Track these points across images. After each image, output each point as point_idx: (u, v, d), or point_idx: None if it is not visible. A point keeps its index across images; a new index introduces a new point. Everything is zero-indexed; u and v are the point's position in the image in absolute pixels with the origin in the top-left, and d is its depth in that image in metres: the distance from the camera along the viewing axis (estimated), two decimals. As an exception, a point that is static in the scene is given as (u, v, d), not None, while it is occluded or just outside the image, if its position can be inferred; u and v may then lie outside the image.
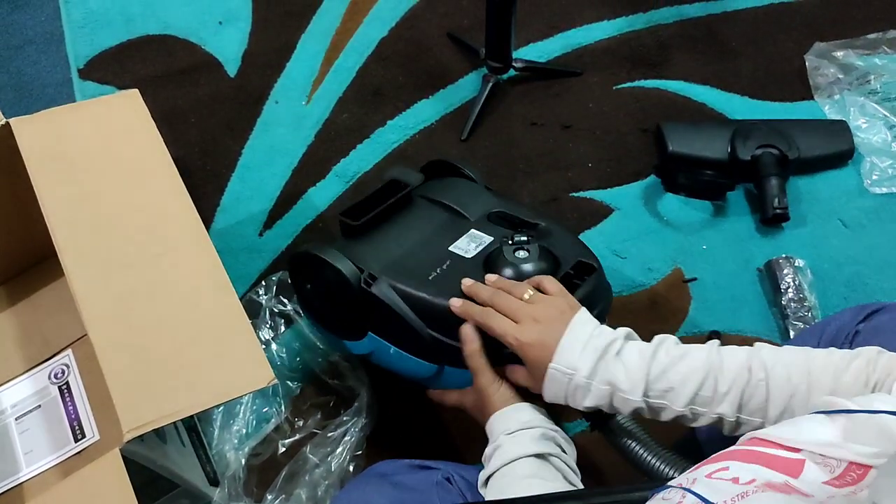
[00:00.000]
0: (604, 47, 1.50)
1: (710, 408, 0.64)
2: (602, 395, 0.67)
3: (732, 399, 0.63)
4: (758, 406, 0.63)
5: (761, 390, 0.62)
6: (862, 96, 1.35)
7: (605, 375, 0.66)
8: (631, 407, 0.66)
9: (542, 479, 0.66)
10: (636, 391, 0.65)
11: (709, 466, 0.43)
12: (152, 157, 0.88)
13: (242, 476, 0.97)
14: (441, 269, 0.84)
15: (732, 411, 0.63)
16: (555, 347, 0.68)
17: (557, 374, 0.68)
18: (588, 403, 0.68)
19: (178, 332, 0.74)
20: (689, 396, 0.64)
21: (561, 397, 0.69)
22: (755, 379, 0.62)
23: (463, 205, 0.94)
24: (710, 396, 0.64)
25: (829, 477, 0.39)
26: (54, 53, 1.51)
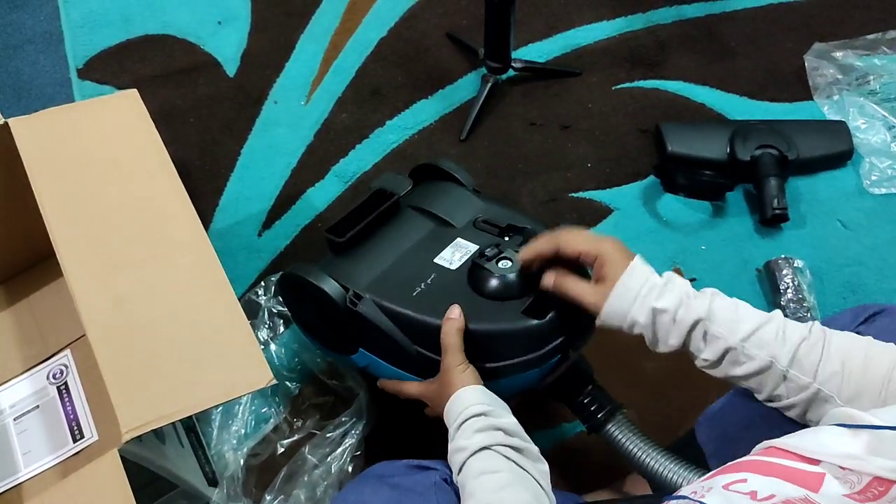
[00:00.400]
0: (603, 47, 1.50)
1: (765, 350, 0.64)
2: (674, 299, 0.67)
3: (790, 348, 0.63)
4: (811, 365, 0.62)
5: (819, 350, 0.62)
6: (861, 97, 1.35)
7: (678, 284, 0.68)
8: (691, 320, 0.66)
9: (493, 472, 0.65)
10: (702, 307, 0.66)
11: (726, 476, 0.42)
12: (151, 157, 0.88)
13: (241, 476, 0.97)
14: (426, 283, 0.84)
15: (786, 361, 0.63)
16: (631, 256, 0.71)
17: (638, 272, 0.69)
18: (660, 304, 0.67)
19: (177, 333, 0.74)
20: (748, 332, 0.65)
21: (633, 295, 0.69)
22: (816, 338, 0.63)
23: (449, 212, 0.93)
24: (768, 340, 0.64)
25: (850, 491, 0.38)
26: (53, 53, 1.51)
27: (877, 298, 1.16)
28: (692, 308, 0.67)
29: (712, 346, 0.67)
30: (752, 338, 0.65)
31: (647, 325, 0.69)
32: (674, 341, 0.69)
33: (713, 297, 0.68)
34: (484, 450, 0.66)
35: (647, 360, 1.10)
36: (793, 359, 0.63)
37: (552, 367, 0.81)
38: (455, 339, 0.76)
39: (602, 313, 0.71)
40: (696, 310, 0.66)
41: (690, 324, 0.67)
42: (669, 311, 0.67)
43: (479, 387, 0.74)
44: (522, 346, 0.78)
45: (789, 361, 0.63)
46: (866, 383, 0.60)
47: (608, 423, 0.83)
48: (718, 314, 0.66)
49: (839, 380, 0.61)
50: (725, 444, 0.81)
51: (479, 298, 0.81)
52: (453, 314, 0.77)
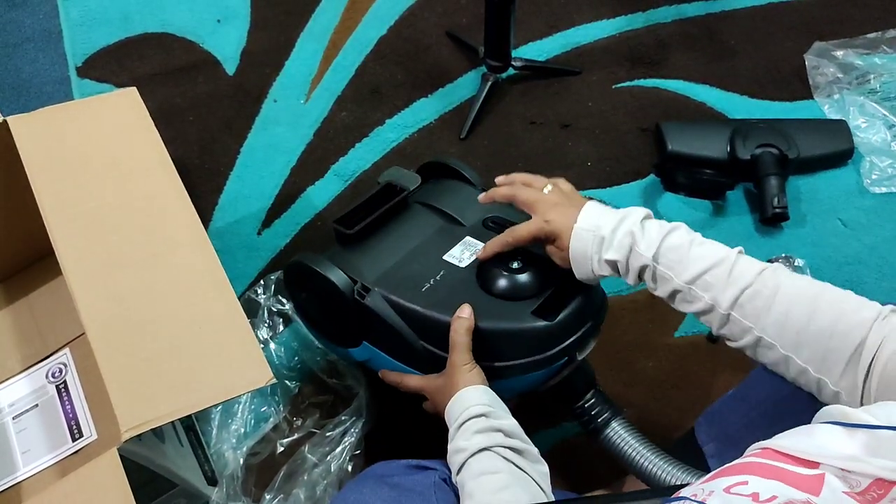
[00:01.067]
0: (603, 46, 1.50)
1: (709, 293, 0.66)
2: (623, 248, 0.70)
3: (732, 294, 0.65)
4: (754, 311, 0.64)
5: (764, 297, 0.64)
6: (861, 96, 1.35)
7: (626, 228, 0.70)
8: (640, 264, 0.70)
9: (492, 473, 0.65)
10: (650, 250, 0.69)
11: (726, 479, 0.42)
12: (150, 155, 0.88)
13: (241, 475, 0.97)
14: (434, 279, 0.84)
15: (728, 304, 0.65)
16: (577, 215, 0.74)
17: (582, 233, 0.73)
18: (610, 256, 0.71)
19: (177, 331, 0.74)
20: (694, 275, 0.67)
21: (587, 256, 0.73)
22: (763, 285, 0.64)
23: (458, 210, 0.93)
24: (713, 283, 0.66)
25: (851, 490, 0.38)
26: (52, 51, 1.51)
27: (877, 297, 1.13)
28: (638, 255, 0.70)
29: (662, 286, 0.70)
30: (699, 281, 0.67)
31: (611, 272, 0.73)
32: (630, 280, 0.72)
33: (668, 235, 0.70)
34: (484, 451, 0.66)
35: (646, 359, 1.10)
36: (734, 303, 0.65)
37: (558, 369, 0.81)
38: (464, 338, 0.76)
39: (577, 278, 0.76)
40: (642, 256, 0.70)
41: (638, 269, 0.70)
42: (620, 261, 0.71)
43: (482, 387, 0.74)
44: (530, 347, 0.78)
45: (730, 305, 0.65)
46: (808, 336, 0.61)
47: (607, 427, 0.82)
48: (667, 255, 0.69)
49: (781, 329, 0.63)
50: (725, 444, 0.81)
51: (488, 297, 0.81)
52: (464, 313, 0.77)
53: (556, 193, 0.79)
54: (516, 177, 0.85)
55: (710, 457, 0.81)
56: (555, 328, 0.77)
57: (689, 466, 0.78)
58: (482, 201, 0.86)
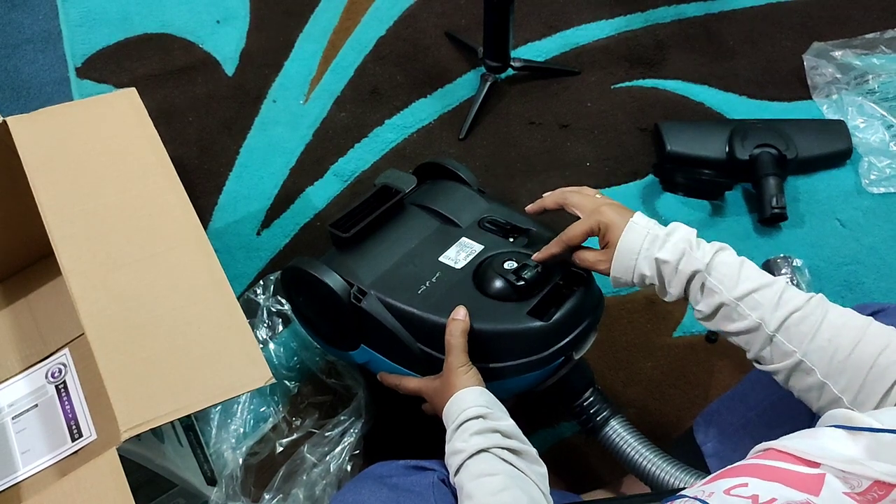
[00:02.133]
0: (602, 47, 1.50)
1: (757, 312, 0.65)
2: (677, 250, 0.69)
3: (781, 315, 0.64)
4: (799, 335, 0.63)
5: (811, 323, 0.63)
6: (860, 96, 1.36)
7: (681, 234, 0.70)
8: (692, 269, 0.68)
9: (491, 474, 0.65)
10: (704, 258, 0.68)
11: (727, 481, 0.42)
12: (150, 155, 0.88)
13: (240, 475, 0.97)
14: (430, 281, 0.84)
15: (776, 326, 0.64)
16: (630, 215, 0.73)
17: (637, 227, 0.72)
18: (662, 255, 0.69)
19: (176, 332, 0.74)
20: (744, 292, 0.66)
21: (635, 251, 0.71)
22: (811, 310, 0.64)
23: (454, 211, 0.94)
24: (763, 302, 0.65)
25: (851, 491, 0.38)
26: (52, 52, 1.51)
27: (875, 297, 1.16)
28: (693, 259, 0.68)
29: (708, 298, 0.68)
30: (748, 298, 0.66)
31: (653, 276, 0.71)
32: (674, 290, 0.70)
33: (719, 251, 0.69)
34: (482, 452, 0.67)
35: (645, 359, 1.10)
36: (781, 325, 0.64)
37: (555, 369, 0.81)
38: (460, 340, 0.76)
39: (612, 273, 0.73)
40: (696, 261, 0.68)
41: (689, 274, 0.69)
42: (671, 262, 0.69)
43: (480, 388, 0.74)
44: (527, 348, 0.78)
45: (777, 327, 0.64)
46: (850, 364, 0.61)
47: (606, 426, 0.83)
48: (719, 268, 0.68)
49: (823, 355, 0.62)
50: (723, 444, 0.81)
51: (484, 298, 0.81)
52: (459, 315, 0.77)
53: (606, 198, 0.80)
54: (566, 189, 0.85)
55: (708, 456, 0.81)
56: (550, 328, 0.78)
57: (688, 466, 0.78)
58: (530, 211, 0.85)
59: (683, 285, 0.70)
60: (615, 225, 0.73)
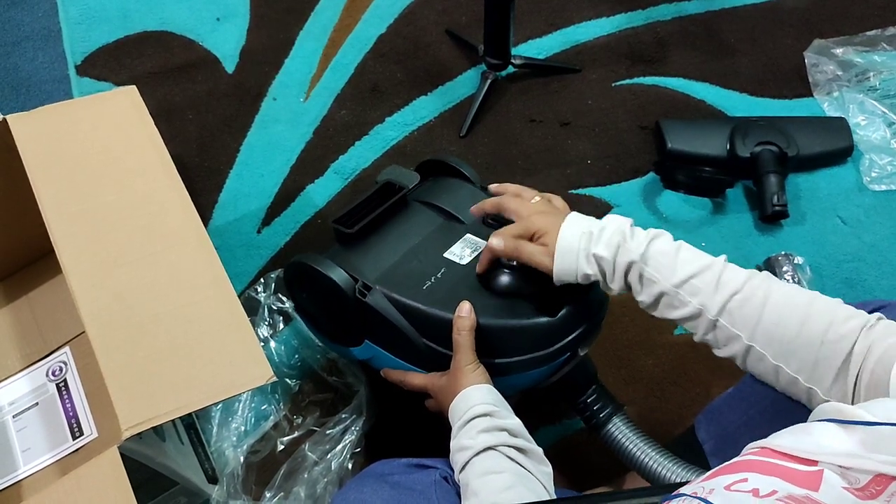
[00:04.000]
0: (602, 44, 1.50)
1: (697, 298, 0.66)
2: (611, 245, 0.69)
3: (721, 299, 0.64)
4: (742, 318, 0.64)
5: (753, 305, 0.63)
6: (861, 93, 1.35)
7: (615, 227, 0.70)
8: (628, 261, 0.68)
9: (497, 472, 0.65)
10: (638, 249, 0.68)
11: (726, 477, 0.42)
12: (150, 153, 0.88)
13: (241, 474, 0.97)
14: (435, 277, 0.84)
15: (716, 310, 0.65)
16: (562, 219, 0.74)
17: (571, 228, 0.72)
18: (598, 251, 0.70)
19: (177, 330, 0.74)
20: (682, 278, 0.66)
21: (573, 251, 0.72)
22: (751, 292, 0.64)
23: (458, 208, 0.93)
24: (701, 288, 0.65)
25: (850, 486, 0.38)
26: (51, 50, 1.51)
27: (876, 294, 1.16)
28: (628, 251, 0.69)
29: (647, 289, 0.69)
30: (686, 284, 0.66)
31: (596, 273, 0.71)
32: (615, 285, 0.71)
33: (654, 239, 0.69)
34: (488, 450, 0.67)
35: (646, 357, 1.10)
36: (723, 309, 0.65)
37: (560, 365, 0.81)
38: (467, 338, 0.76)
39: (554, 274, 0.74)
40: (631, 252, 0.68)
41: (625, 266, 0.69)
42: (607, 258, 0.69)
43: (487, 386, 0.74)
44: (533, 344, 0.78)
45: (718, 311, 0.65)
46: (799, 345, 0.61)
47: (609, 422, 0.83)
48: (655, 257, 0.68)
49: (771, 339, 0.62)
50: (725, 442, 0.81)
51: (489, 294, 0.81)
52: (463, 312, 0.77)
53: (542, 203, 0.80)
54: (508, 187, 0.87)
55: (709, 454, 0.81)
56: (556, 324, 0.78)
57: (690, 463, 0.78)
58: (473, 213, 0.87)
59: (623, 277, 0.70)
60: (548, 229, 0.74)
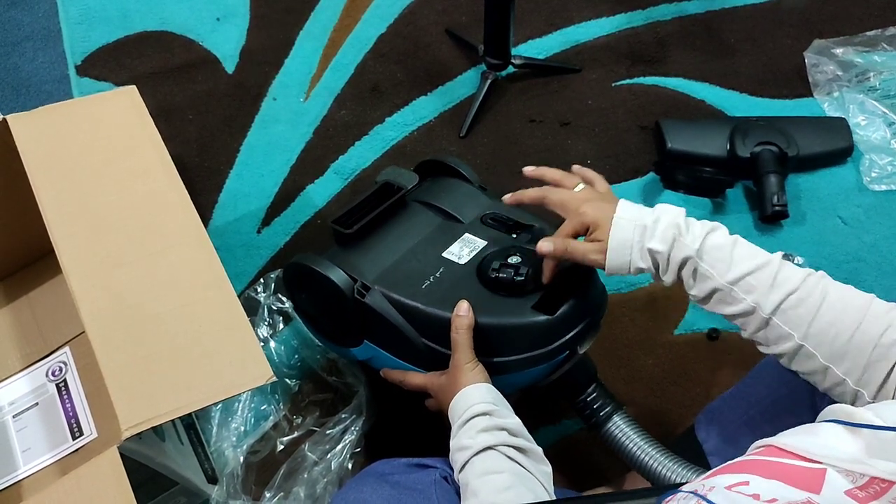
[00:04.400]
0: (602, 44, 1.50)
1: (752, 296, 0.64)
2: (667, 239, 0.68)
3: (776, 298, 0.63)
4: (797, 318, 0.63)
5: (809, 305, 0.62)
6: (861, 93, 1.35)
7: (669, 220, 0.69)
8: (683, 256, 0.67)
9: (496, 472, 0.65)
10: (694, 244, 0.67)
11: (727, 477, 0.42)
12: (150, 153, 0.88)
13: (241, 474, 0.97)
14: (434, 276, 0.84)
15: (771, 309, 0.64)
16: (613, 209, 0.71)
17: (624, 222, 0.70)
18: (653, 245, 0.68)
19: (177, 330, 0.74)
20: (738, 276, 0.65)
21: (627, 246, 0.70)
22: (807, 292, 0.63)
23: (456, 208, 0.93)
24: (756, 286, 0.64)
25: (852, 486, 0.38)
26: (51, 50, 1.51)
27: (876, 294, 1.15)
28: (683, 246, 0.67)
29: (701, 283, 0.68)
30: (742, 282, 0.65)
31: (650, 266, 0.70)
32: (668, 277, 0.70)
33: (710, 233, 0.68)
34: (488, 449, 0.66)
35: (646, 356, 1.10)
36: (777, 308, 0.64)
37: (559, 364, 0.81)
38: (465, 337, 0.76)
39: (606, 270, 0.72)
40: (686, 247, 0.67)
41: (680, 261, 0.68)
42: (663, 252, 0.68)
43: (486, 385, 0.74)
44: (532, 342, 0.78)
45: (773, 310, 0.64)
46: (852, 347, 0.61)
47: (609, 421, 0.83)
48: (710, 252, 0.67)
49: (824, 339, 0.62)
50: (725, 441, 0.81)
51: (488, 293, 0.81)
52: (462, 310, 0.77)
53: (588, 191, 0.77)
54: (546, 172, 0.83)
55: (709, 454, 0.81)
56: (555, 322, 0.78)
57: (690, 463, 0.78)
58: (508, 202, 0.83)
59: (676, 271, 0.69)
60: (600, 222, 0.72)
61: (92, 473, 0.66)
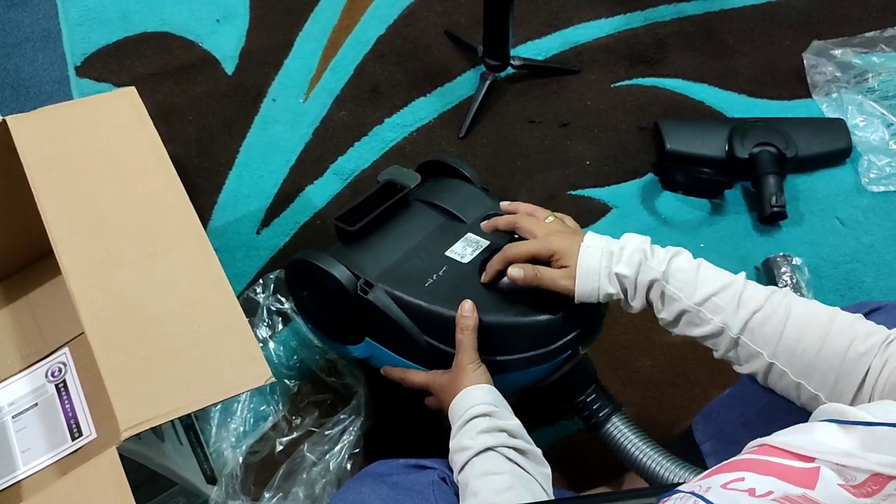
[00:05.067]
0: (602, 45, 1.50)
1: (719, 316, 0.66)
2: (633, 263, 0.70)
3: (743, 317, 0.65)
4: (764, 336, 0.64)
5: (774, 323, 0.64)
6: (860, 94, 1.36)
7: (635, 245, 0.71)
8: (650, 279, 0.69)
9: (496, 473, 0.66)
10: (660, 267, 0.69)
11: (723, 476, 0.42)
12: (149, 154, 0.88)
13: (240, 474, 0.97)
14: (437, 275, 0.84)
15: (738, 329, 0.65)
16: (580, 240, 0.75)
17: (591, 249, 0.73)
18: (620, 269, 0.71)
19: (176, 330, 0.74)
20: (704, 297, 0.67)
21: (595, 271, 0.72)
22: (772, 310, 0.64)
23: (459, 207, 0.94)
24: (723, 306, 0.66)
25: (847, 483, 0.39)
26: (51, 51, 1.51)
27: (874, 295, 1.16)
28: (649, 269, 0.70)
29: (669, 306, 0.70)
30: (708, 303, 0.67)
31: (618, 292, 0.72)
32: (636, 303, 0.72)
33: (674, 257, 0.70)
34: (488, 450, 0.67)
35: (644, 358, 1.10)
36: (744, 327, 0.65)
37: (560, 363, 0.81)
38: (470, 338, 0.76)
39: (576, 296, 0.74)
40: (653, 270, 0.69)
41: (647, 284, 0.70)
42: (629, 276, 0.70)
43: (488, 386, 0.74)
44: (534, 341, 0.79)
45: (740, 329, 0.65)
46: (820, 362, 0.62)
47: (608, 422, 0.83)
48: (676, 275, 0.69)
49: (792, 356, 0.63)
50: (723, 442, 0.81)
51: (491, 292, 0.81)
52: (466, 311, 0.77)
53: (557, 224, 0.81)
54: (520, 206, 0.87)
55: (707, 455, 0.81)
56: (557, 322, 0.78)
57: (688, 463, 0.78)
58: (484, 229, 0.88)
59: (644, 295, 0.71)
60: (567, 251, 0.74)
61: (91, 474, 0.67)
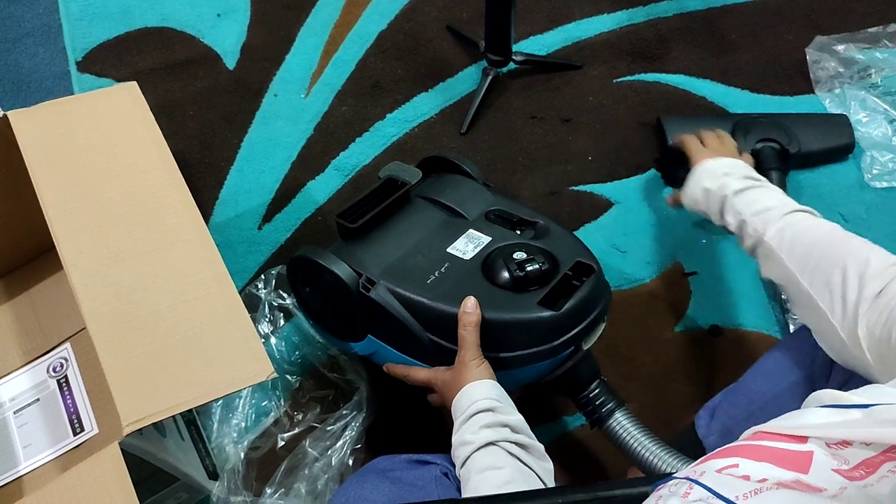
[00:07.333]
0: (604, 40, 1.50)
1: None
2: (716, 182, 0.88)
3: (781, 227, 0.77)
4: (764, 223, 0.79)
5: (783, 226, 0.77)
6: (863, 90, 1.35)
7: (734, 171, 0.88)
8: (721, 194, 0.86)
9: (498, 468, 0.66)
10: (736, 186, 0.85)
11: (717, 461, 0.43)
12: (151, 149, 0.88)
13: (242, 470, 0.97)
14: (439, 271, 0.84)
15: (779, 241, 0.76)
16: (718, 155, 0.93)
17: (705, 166, 0.91)
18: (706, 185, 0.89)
19: (177, 326, 0.74)
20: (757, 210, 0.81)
21: (694, 181, 0.92)
22: (785, 223, 0.77)
23: (461, 204, 0.94)
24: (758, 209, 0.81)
25: (839, 467, 0.39)
26: (52, 46, 1.51)
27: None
28: (727, 186, 0.86)
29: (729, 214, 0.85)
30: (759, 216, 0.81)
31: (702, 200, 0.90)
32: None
33: (755, 188, 0.84)
34: (490, 445, 0.67)
35: (646, 354, 1.10)
36: (781, 242, 0.76)
37: (564, 359, 0.81)
38: (473, 335, 0.76)
39: (683, 199, 0.95)
40: (728, 187, 0.85)
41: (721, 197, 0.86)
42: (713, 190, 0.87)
43: (491, 382, 0.74)
44: (537, 337, 0.78)
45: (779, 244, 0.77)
46: (804, 250, 0.72)
47: (611, 418, 0.83)
48: (746, 195, 0.83)
49: (780, 239, 0.76)
50: (725, 438, 0.81)
51: (494, 288, 0.81)
52: (469, 307, 0.77)
53: (720, 150, 0.96)
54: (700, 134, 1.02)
55: (709, 450, 0.81)
56: (561, 318, 0.78)
57: (691, 459, 0.78)
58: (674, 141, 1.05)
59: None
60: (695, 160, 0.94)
61: (93, 469, 0.67)
